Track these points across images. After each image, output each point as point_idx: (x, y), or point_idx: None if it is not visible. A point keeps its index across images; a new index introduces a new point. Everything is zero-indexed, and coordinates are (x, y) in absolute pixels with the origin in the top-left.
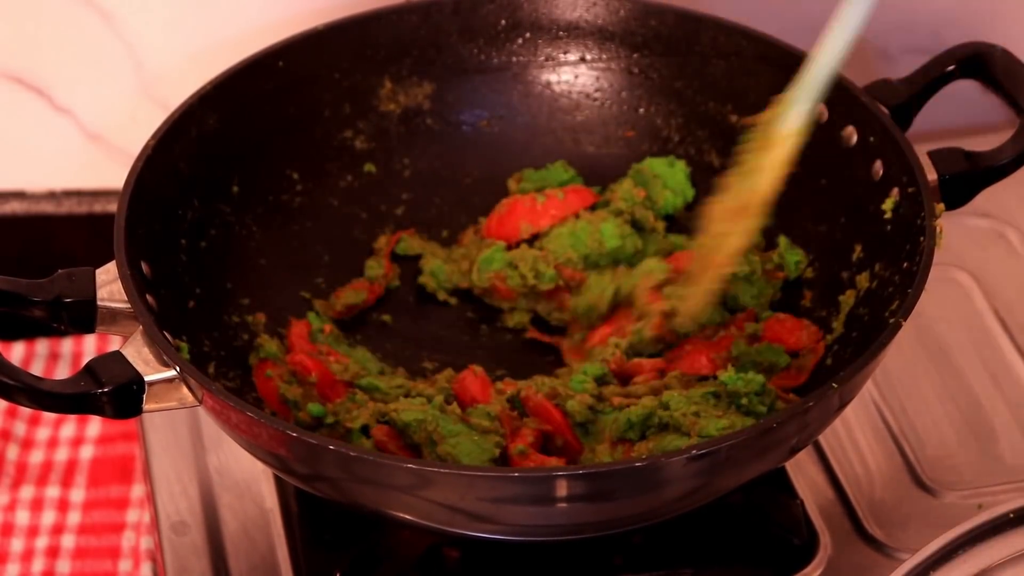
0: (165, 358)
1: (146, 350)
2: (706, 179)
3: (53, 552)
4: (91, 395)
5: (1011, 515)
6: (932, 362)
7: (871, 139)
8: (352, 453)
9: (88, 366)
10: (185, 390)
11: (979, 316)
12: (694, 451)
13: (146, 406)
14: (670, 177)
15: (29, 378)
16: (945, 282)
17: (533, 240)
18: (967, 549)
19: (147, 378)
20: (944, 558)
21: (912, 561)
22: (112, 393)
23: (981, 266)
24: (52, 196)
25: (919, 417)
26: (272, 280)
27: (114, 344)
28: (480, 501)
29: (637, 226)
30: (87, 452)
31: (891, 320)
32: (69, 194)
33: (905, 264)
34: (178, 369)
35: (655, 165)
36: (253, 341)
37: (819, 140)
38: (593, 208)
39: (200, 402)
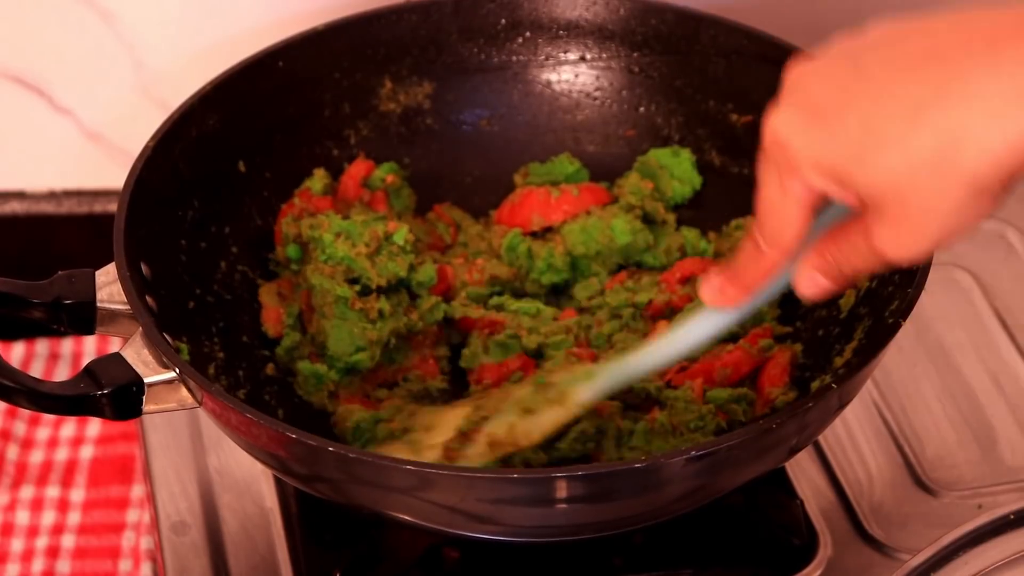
0: (165, 359)
1: (146, 351)
2: (706, 178)
3: (53, 552)
4: (91, 397)
5: (1011, 516)
6: (932, 362)
7: None
8: (351, 454)
9: (88, 368)
10: (185, 391)
11: (979, 316)
12: (694, 452)
13: (146, 408)
14: (676, 167)
15: (29, 380)
16: (945, 282)
17: (543, 233)
18: (968, 550)
19: (147, 380)
20: (944, 559)
21: (913, 562)
22: (112, 395)
23: (981, 266)
24: (52, 196)
25: (919, 417)
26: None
27: (114, 345)
28: (479, 502)
29: (648, 220)
30: (87, 452)
31: (891, 320)
32: (69, 194)
33: None
34: (178, 371)
35: (660, 156)
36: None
37: None
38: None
39: (200, 404)
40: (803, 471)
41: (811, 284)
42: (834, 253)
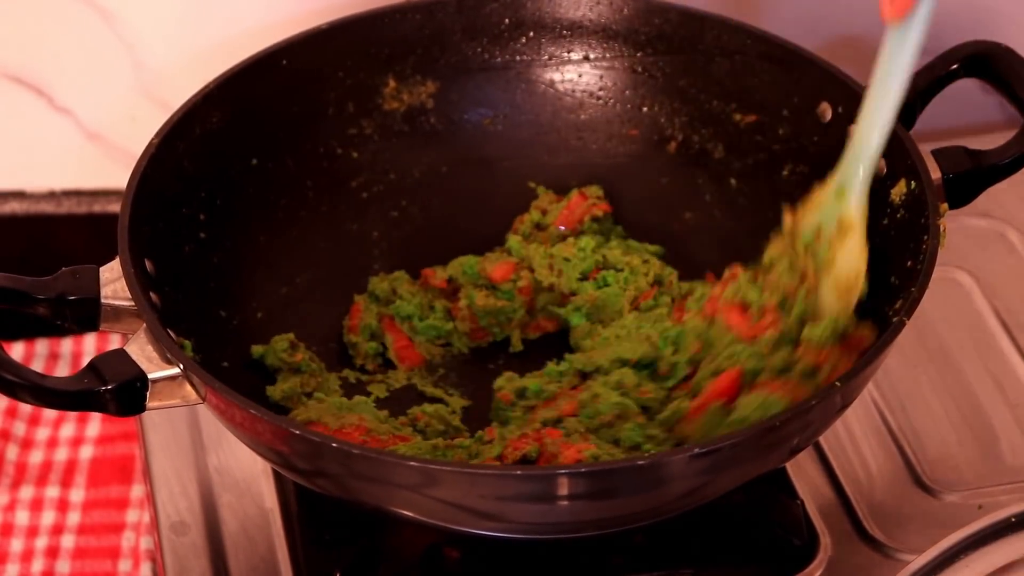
0: (168, 356)
1: (150, 348)
2: (708, 177)
3: (53, 552)
4: (95, 392)
5: (1013, 519)
6: (932, 362)
7: None
8: (355, 451)
9: (92, 363)
10: (188, 387)
11: (979, 316)
12: (696, 450)
13: (149, 403)
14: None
15: (33, 375)
16: (945, 282)
17: None
18: (968, 553)
19: (150, 376)
20: (946, 562)
21: (913, 565)
22: (116, 390)
23: (981, 266)
24: (52, 196)
25: (919, 417)
26: (275, 278)
27: (114, 345)
28: (483, 498)
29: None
30: (87, 452)
31: (895, 319)
32: (69, 194)
33: (908, 263)
34: (182, 367)
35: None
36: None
37: (822, 140)
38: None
39: (203, 400)
40: (803, 471)
41: None
42: None
